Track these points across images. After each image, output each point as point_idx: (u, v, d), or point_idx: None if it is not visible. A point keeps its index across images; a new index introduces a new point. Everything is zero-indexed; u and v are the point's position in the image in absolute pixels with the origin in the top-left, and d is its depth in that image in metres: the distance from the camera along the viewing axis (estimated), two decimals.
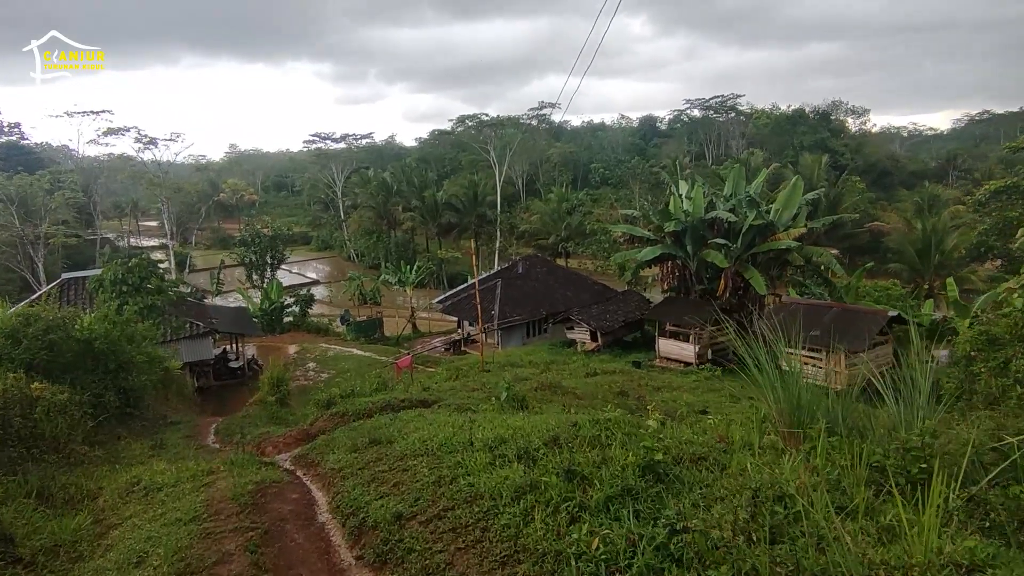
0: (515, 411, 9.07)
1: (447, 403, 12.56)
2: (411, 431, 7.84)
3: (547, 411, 9.51)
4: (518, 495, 4.71)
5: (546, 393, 15.09)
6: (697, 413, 13.52)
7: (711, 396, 15.53)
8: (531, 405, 10.04)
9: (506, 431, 6.35)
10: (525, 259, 41.71)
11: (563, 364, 23.42)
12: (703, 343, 26.28)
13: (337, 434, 9.56)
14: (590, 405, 13.49)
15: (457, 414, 9.55)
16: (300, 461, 9.13)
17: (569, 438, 5.65)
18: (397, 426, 8.86)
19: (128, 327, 13.86)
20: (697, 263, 28.98)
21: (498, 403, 9.37)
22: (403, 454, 6.71)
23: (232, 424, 13.69)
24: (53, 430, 10.06)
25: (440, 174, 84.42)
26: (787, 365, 17.43)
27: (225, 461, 7.82)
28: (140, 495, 7.27)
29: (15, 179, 49.54)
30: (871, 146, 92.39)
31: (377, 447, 7.35)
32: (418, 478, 5.83)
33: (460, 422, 7.44)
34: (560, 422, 6.24)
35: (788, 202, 27.56)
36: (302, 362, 29.42)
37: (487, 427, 6.75)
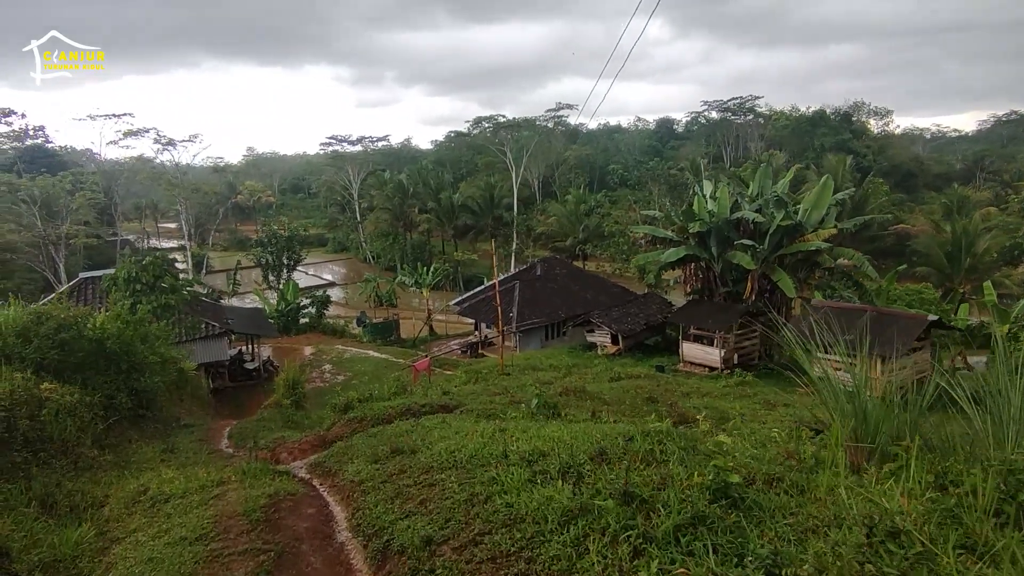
0: (547, 419, 8.45)
1: (469, 408, 11.99)
2: (436, 440, 7.26)
3: (579, 418, 8.89)
4: (567, 520, 4.10)
5: (571, 398, 14.46)
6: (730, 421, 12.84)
7: (744, 403, 14.75)
8: (564, 413, 9.41)
9: (543, 443, 5.74)
10: (543, 261, 41.10)
11: (585, 368, 22.75)
12: (729, 347, 25.44)
13: (355, 441, 9.02)
14: (618, 411, 12.84)
15: (484, 421, 8.96)
16: (316, 469, 8.60)
17: (618, 452, 5.02)
18: (419, 433, 8.29)
19: (141, 327, 13.48)
20: (722, 265, 28.14)
21: (528, 410, 8.76)
22: (429, 466, 6.12)
23: (246, 428, 13.24)
24: (61, 433, 9.64)
25: (456, 176, 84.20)
26: (822, 371, 16.19)
27: (237, 470, 7.31)
28: (147, 506, 6.77)
29: (38, 180, 50.12)
30: (894, 148, 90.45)
31: (400, 457, 6.78)
32: (447, 495, 5.24)
33: (490, 431, 6.84)
34: (605, 433, 5.61)
35: (817, 202, 26.62)
36: (318, 364, 29.06)
37: (521, 438, 6.15)
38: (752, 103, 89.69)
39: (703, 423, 6.42)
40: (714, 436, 5.29)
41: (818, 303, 23.58)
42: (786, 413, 13.42)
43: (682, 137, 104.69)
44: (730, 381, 19.12)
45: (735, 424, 6.47)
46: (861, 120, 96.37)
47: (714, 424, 7.63)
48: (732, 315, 25.55)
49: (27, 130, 69.25)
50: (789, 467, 4.74)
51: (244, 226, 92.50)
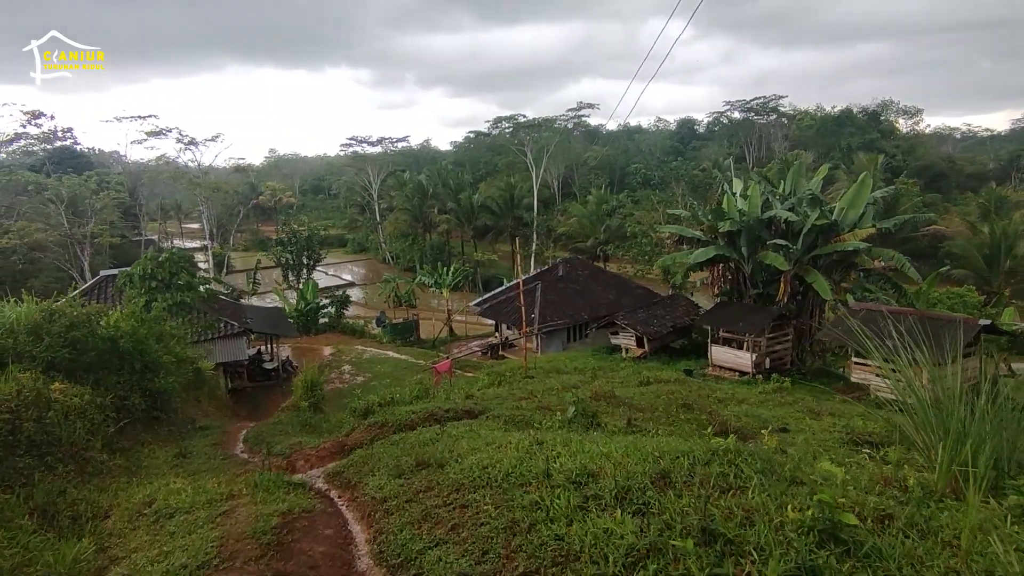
0: (586, 430, 7.73)
1: (496, 414, 11.32)
2: (465, 451, 6.59)
3: (618, 428, 8.16)
4: (634, 561, 3.40)
5: (601, 404, 13.68)
6: (775, 431, 11.97)
7: (785, 411, 13.88)
8: (604, 423, 8.66)
9: (590, 460, 5.03)
10: (565, 261, 40.31)
11: (611, 371, 21.94)
12: (761, 351, 24.41)
13: (377, 449, 8.39)
14: (653, 419, 12.07)
15: (515, 431, 8.28)
16: (335, 480, 7.99)
17: (683, 475, 4.30)
18: (446, 443, 7.64)
19: (156, 325, 13.06)
20: (752, 266, 27.08)
21: (563, 419, 8.05)
22: (459, 484, 5.46)
23: (262, 431, 12.75)
24: (70, 436, 9.18)
25: (475, 177, 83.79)
26: (858, 377, 14.95)
27: (248, 481, 6.72)
28: (151, 520, 6.21)
29: (64, 179, 50.80)
30: (924, 147, 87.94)
31: (426, 472, 6.13)
32: (482, 520, 4.57)
33: (525, 444, 6.15)
34: (662, 450, 4.88)
35: (854, 201, 25.44)
36: (337, 364, 28.65)
37: (563, 453, 5.44)
38: (776, 102, 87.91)
39: (768, 438, 5.67)
40: (761, 448, 4.51)
41: (856, 306, 22.45)
42: (834, 424, 12.52)
43: (703, 138, 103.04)
44: (766, 387, 18.19)
45: (831, 443, 5.70)
46: (889, 119, 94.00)
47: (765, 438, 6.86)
48: (764, 318, 24.53)
49: (56, 131, 70.55)
50: (893, 498, 3.98)
51: (265, 226, 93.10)
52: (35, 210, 50.21)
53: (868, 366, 20.03)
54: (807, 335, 27.58)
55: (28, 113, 60.30)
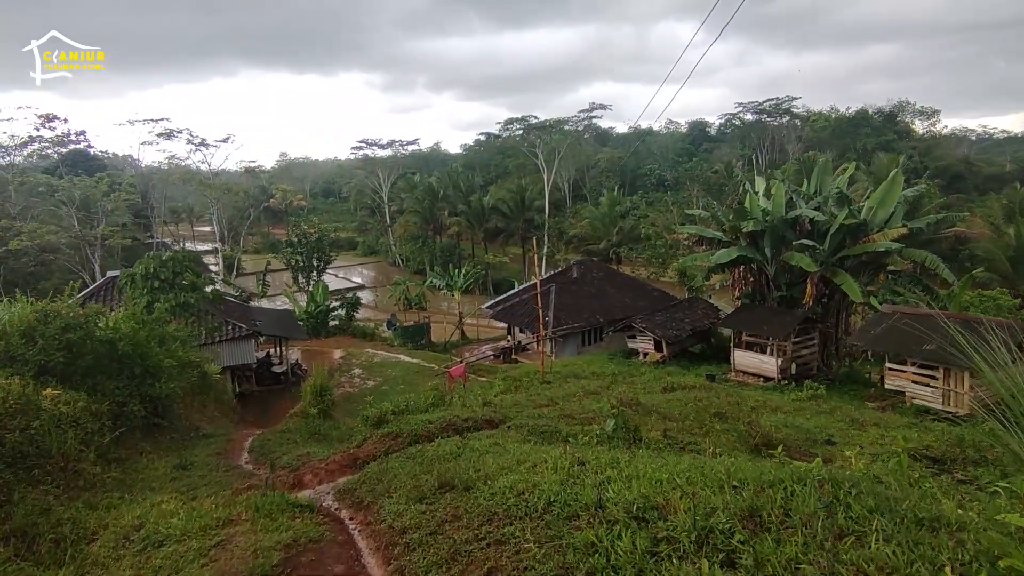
0: (629, 446, 6.91)
1: (518, 424, 10.52)
2: (493, 470, 5.81)
3: (663, 444, 7.33)
4: None
5: (627, 413, 12.86)
6: (821, 443, 11.08)
7: (825, 421, 12.97)
8: (647, 437, 7.83)
9: (651, 487, 4.22)
10: (579, 263, 39.46)
11: (631, 376, 21.07)
12: (786, 356, 23.43)
13: (392, 463, 7.63)
14: (686, 429, 11.22)
15: (544, 444, 7.47)
16: (346, 498, 7.22)
17: (778, 513, 3.47)
18: (469, 459, 6.85)
19: (158, 327, 12.39)
20: (776, 267, 26.10)
21: (602, 433, 7.23)
22: (491, 512, 4.67)
23: (269, 440, 12.03)
24: (61, 446, 8.50)
25: (486, 180, 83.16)
26: (892, 383, 13.65)
27: (249, 503, 5.97)
28: (137, 548, 5.48)
29: (76, 181, 50.68)
30: (941, 148, 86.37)
31: (451, 495, 5.34)
32: (525, 562, 3.78)
33: (564, 463, 5.35)
34: (740, 477, 4.05)
35: (884, 200, 24.40)
36: (347, 368, 27.96)
37: (615, 478, 4.63)
38: (789, 104, 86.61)
39: (855, 459, 4.82)
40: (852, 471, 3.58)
41: (889, 308, 21.43)
42: (882, 436, 11.61)
43: (715, 140, 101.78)
44: (799, 394, 17.25)
45: None
46: (905, 121, 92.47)
47: (824, 455, 5.94)
48: (790, 321, 23.54)
49: (69, 134, 70.77)
50: None
51: (276, 229, 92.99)
52: (47, 212, 50.13)
53: (904, 372, 19.05)
54: (833, 339, 26.56)
55: (42, 116, 60.46)
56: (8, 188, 50.50)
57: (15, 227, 46.05)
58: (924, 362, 18.43)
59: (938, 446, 10.06)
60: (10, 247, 42.41)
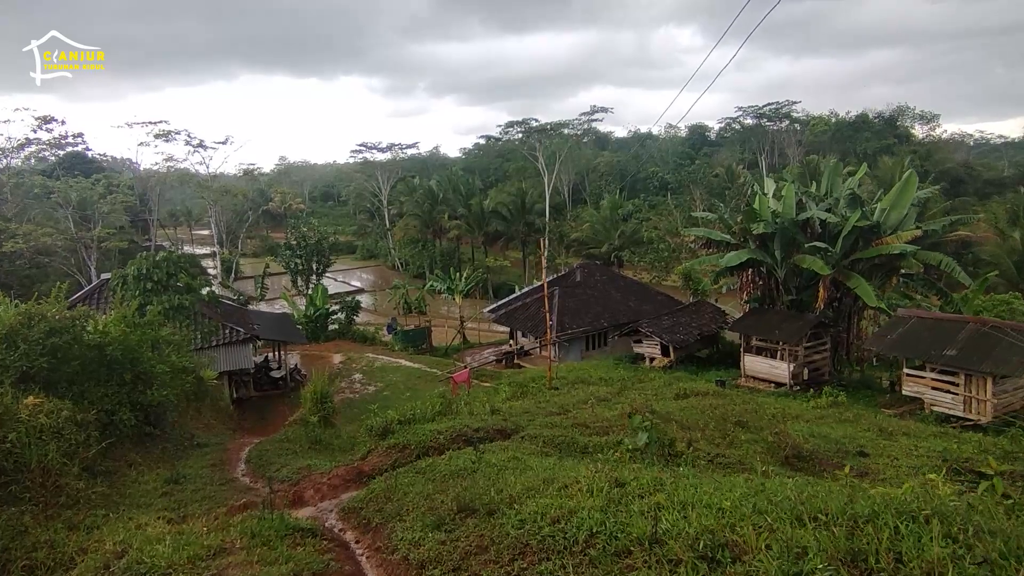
0: (666, 463, 6.29)
1: (532, 434, 9.92)
2: (517, 491, 5.20)
3: (703, 459, 6.72)
4: None
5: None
6: (853, 455, 10.48)
7: (851, 430, 12.35)
8: (684, 452, 7.20)
9: (710, 516, 3.62)
10: (582, 266, 38.86)
11: (640, 382, 20.44)
12: (799, 361, 22.83)
13: (401, 479, 7.01)
14: (708, 439, 10.60)
15: (570, 460, 6.87)
16: (352, 517, 6.61)
17: (886, 554, 2.88)
18: (487, 476, 6.24)
19: (150, 331, 11.76)
20: (786, 270, 25.54)
21: (634, 448, 6.62)
22: (522, 543, 4.07)
23: (267, 450, 11.40)
24: (42, 459, 7.87)
25: (485, 183, 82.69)
26: (911, 390, 12.87)
27: (245, 528, 5.35)
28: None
29: (72, 182, 50.05)
30: (942, 153, 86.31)
31: (473, 521, 4.73)
32: None
33: (600, 484, 4.74)
34: (817, 505, 3.45)
35: (897, 201, 23.87)
36: (347, 373, 27.29)
37: (667, 505, 4.02)
38: (789, 108, 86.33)
39: (940, 484, 4.22)
40: None
41: (906, 312, 20.86)
42: (915, 446, 11.01)
43: (715, 144, 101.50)
44: (819, 401, 16.65)
45: None
46: (905, 125, 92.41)
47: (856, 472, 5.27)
48: (802, 326, 22.96)
49: (66, 136, 70.16)
50: None
51: (275, 233, 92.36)
52: (44, 214, 49.44)
53: (923, 378, 18.47)
54: (844, 344, 26.00)
55: (39, 118, 59.84)
56: (4, 190, 49.86)
57: (10, 229, 45.39)
58: (945, 368, 17.85)
59: (976, 458, 9.48)
60: (4, 249, 41.72)
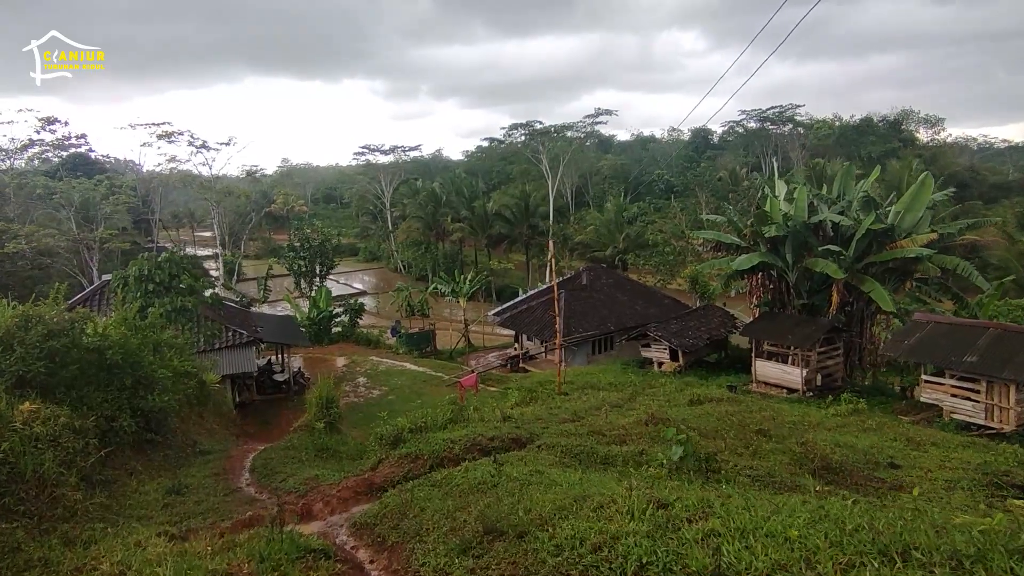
0: (704, 480, 5.89)
1: (549, 443, 9.52)
2: (547, 510, 4.80)
3: (743, 476, 6.31)
4: None
5: (659, 429, 11.84)
6: (884, 467, 10.05)
7: (876, 439, 11.91)
8: (722, 468, 6.78)
9: (778, 548, 3.22)
10: (589, 269, 38.50)
11: (650, 388, 20.03)
12: (812, 367, 22.40)
13: (417, 493, 6.61)
14: (731, 449, 10.19)
15: (597, 474, 6.47)
16: (364, 534, 6.22)
17: None
18: (509, 491, 5.85)
19: (152, 334, 11.38)
20: (797, 274, 25.12)
21: (668, 463, 6.21)
22: (562, 575, 3.66)
23: (272, 458, 11.01)
24: (36, 469, 7.49)
25: (488, 186, 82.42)
26: (929, 396, 12.24)
27: (252, 550, 4.95)
28: None
29: (75, 183, 49.83)
30: (946, 157, 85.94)
31: (503, 545, 4.33)
32: None
33: (639, 504, 4.34)
34: (900, 532, 3.05)
35: (913, 203, 23.44)
36: (351, 377, 26.91)
37: (725, 532, 3.62)
38: (792, 112, 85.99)
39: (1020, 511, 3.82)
40: None
41: (923, 317, 20.41)
42: (947, 457, 10.59)
43: (718, 147, 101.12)
44: (839, 408, 16.22)
45: None
46: (909, 129, 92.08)
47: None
48: (815, 330, 22.53)
49: (69, 137, 70.01)
50: None
51: (277, 235, 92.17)
52: (46, 215, 49.23)
53: (942, 384, 18.01)
54: (856, 349, 25.56)
55: (42, 120, 59.66)
56: (6, 191, 49.65)
57: (12, 230, 45.13)
58: (965, 374, 17.40)
59: (1017, 470, 9.06)
60: (6, 250, 41.46)
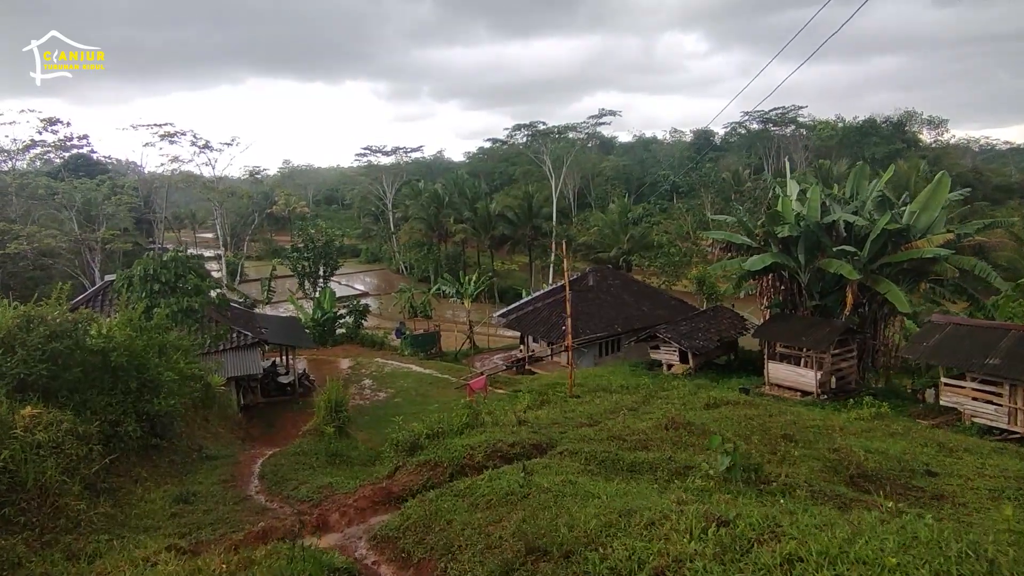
0: (752, 491, 5.51)
1: (571, 450, 9.14)
2: (593, 527, 4.42)
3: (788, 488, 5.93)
4: None
5: (680, 434, 11.47)
6: (921, 475, 9.67)
7: (906, 445, 11.52)
8: (777, 480, 6.39)
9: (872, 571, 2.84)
10: (595, 270, 38.08)
11: (663, 390, 19.58)
12: (826, 369, 22.01)
13: (442, 503, 6.23)
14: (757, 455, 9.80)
15: (634, 484, 6.09)
16: (386, 548, 5.84)
17: None
18: (542, 503, 5.47)
19: (157, 335, 11.02)
20: (810, 275, 24.74)
21: (714, 474, 5.83)
22: None
23: (282, 464, 10.63)
24: (38, 477, 7.13)
25: (491, 187, 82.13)
26: (949, 400, 11.69)
27: (271, 568, 4.58)
28: None
29: (77, 183, 49.57)
30: (950, 158, 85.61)
31: (549, 567, 3.96)
32: None
33: (695, 521, 3.96)
34: (1012, 559, 2.67)
35: (928, 203, 23.06)
36: (357, 379, 26.52)
37: (805, 556, 3.24)
38: (795, 113, 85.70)
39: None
40: None
41: (941, 319, 20.02)
42: (980, 464, 10.20)
43: (720, 149, 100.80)
44: (860, 412, 15.83)
45: None
46: (913, 130, 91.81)
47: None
48: (830, 332, 22.14)
49: (71, 138, 69.75)
50: None
51: (279, 236, 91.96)
52: (48, 216, 48.95)
53: (963, 388, 17.63)
54: (869, 351, 25.17)
55: (44, 120, 59.43)
56: (8, 191, 49.40)
57: (14, 230, 44.85)
58: (987, 377, 17.01)
59: None
60: (8, 251, 41.17)
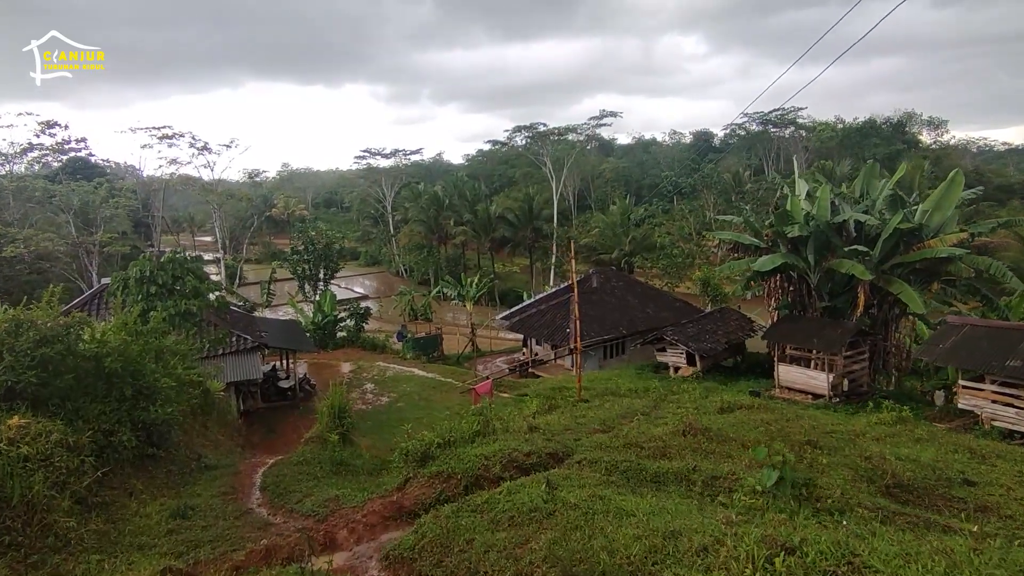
0: (806, 509, 5.05)
1: (589, 459, 8.68)
2: (634, 552, 3.97)
3: (858, 510, 5.48)
4: None
5: (699, 440, 11.01)
6: (958, 484, 9.21)
7: (936, 452, 11.07)
8: (820, 495, 5.93)
9: None
10: (598, 272, 37.65)
11: (673, 394, 19.16)
12: (838, 372, 21.55)
13: (461, 520, 5.77)
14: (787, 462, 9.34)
15: (678, 503, 5.63)
16: (402, 571, 5.38)
17: None
18: (572, 521, 5.02)
19: (153, 340, 10.54)
20: (819, 275, 24.30)
21: (762, 485, 5.38)
22: None
23: (284, 475, 10.15)
24: (25, 493, 6.66)
25: (491, 189, 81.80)
26: (967, 403, 11.05)
27: None
28: None
29: (74, 186, 49.12)
30: (951, 159, 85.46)
31: None
32: None
33: (752, 547, 3.50)
34: None
35: (941, 202, 22.65)
36: (358, 383, 26.02)
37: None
38: (795, 114, 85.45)
39: None
40: None
41: (957, 320, 19.59)
42: (1019, 472, 9.75)
43: (719, 150, 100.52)
44: (881, 416, 15.34)
45: None
46: (913, 131, 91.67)
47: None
48: (842, 334, 21.69)
49: (69, 141, 69.26)
50: None
51: (278, 239, 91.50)
52: (45, 219, 48.48)
53: (982, 390, 17.19)
54: (880, 353, 24.73)
55: (42, 123, 58.96)
56: (6, 194, 48.94)
57: (11, 234, 44.33)
58: (1008, 379, 16.56)
59: None
60: (5, 254, 40.66)
